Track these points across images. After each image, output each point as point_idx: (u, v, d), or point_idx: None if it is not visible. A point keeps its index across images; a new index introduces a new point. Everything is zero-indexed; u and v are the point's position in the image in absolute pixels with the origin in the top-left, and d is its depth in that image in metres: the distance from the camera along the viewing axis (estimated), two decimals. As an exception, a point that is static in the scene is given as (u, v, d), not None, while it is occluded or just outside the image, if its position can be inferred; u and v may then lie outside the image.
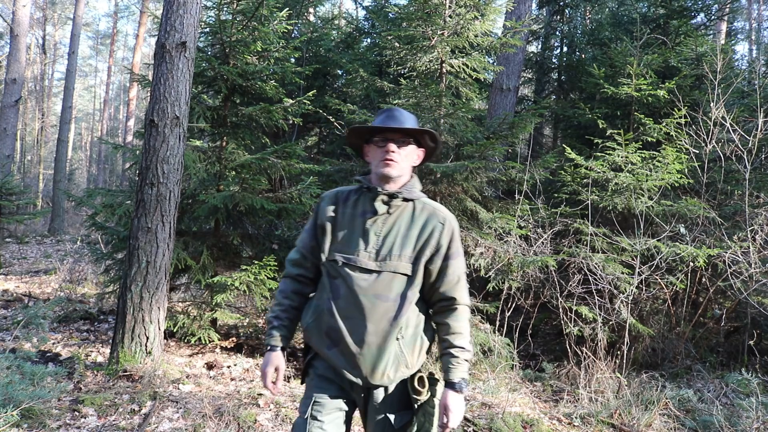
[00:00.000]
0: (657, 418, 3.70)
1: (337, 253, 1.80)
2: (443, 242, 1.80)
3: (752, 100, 5.93)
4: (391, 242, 1.78)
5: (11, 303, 6.13)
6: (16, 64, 11.68)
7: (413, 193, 1.84)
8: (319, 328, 1.81)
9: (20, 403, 2.88)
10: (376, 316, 1.73)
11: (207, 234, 5.14)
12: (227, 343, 4.91)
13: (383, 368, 1.74)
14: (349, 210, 1.85)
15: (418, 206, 1.84)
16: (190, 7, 4.07)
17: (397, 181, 1.82)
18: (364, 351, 1.73)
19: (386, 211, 1.81)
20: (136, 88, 20.49)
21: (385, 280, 1.75)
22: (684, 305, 5.26)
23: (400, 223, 1.81)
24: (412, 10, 5.34)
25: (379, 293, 1.74)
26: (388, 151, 1.79)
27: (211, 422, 3.25)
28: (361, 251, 1.77)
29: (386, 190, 1.80)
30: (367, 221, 1.80)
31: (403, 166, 1.82)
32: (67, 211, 16.83)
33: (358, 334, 1.73)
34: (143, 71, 19.31)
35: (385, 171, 1.79)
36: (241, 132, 5.20)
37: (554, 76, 10.34)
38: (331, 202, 1.89)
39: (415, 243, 1.79)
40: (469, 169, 4.83)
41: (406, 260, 1.77)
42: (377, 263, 1.76)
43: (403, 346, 1.76)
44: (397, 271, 1.76)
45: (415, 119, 1.88)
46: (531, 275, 5.03)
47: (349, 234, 1.81)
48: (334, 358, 1.78)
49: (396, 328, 1.74)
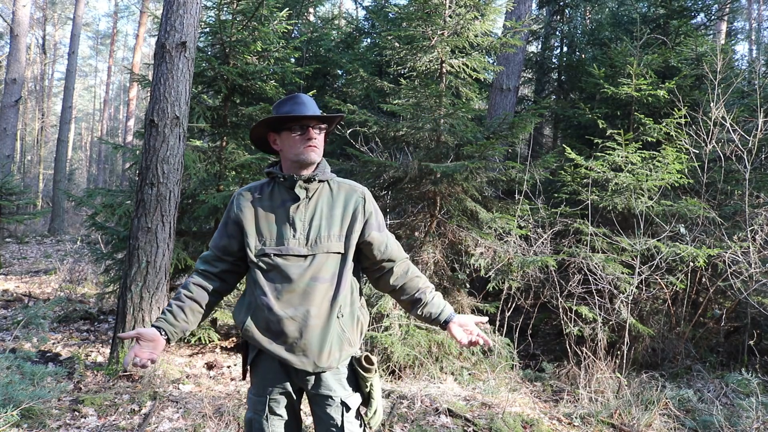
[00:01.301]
0: (657, 418, 3.69)
1: (266, 247, 1.80)
2: (370, 213, 1.87)
3: (752, 100, 5.93)
4: (317, 224, 1.81)
5: (11, 303, 6.13)
6: (16, 64, 11.69)
7: (326, 173, 1.88)
8: (258, 325, 1.81)
9: (20, 403, 2.88)
10: (316, 299, 1.76)
11: (207, 234, 5.14)
12: (227, 343, 4.91)
13: (328, 349, 1.77)
14: (266, 202, 1.85)
15: (334, 186, 1.89)
16: (190, 7, 4.07)
17: (313, 165, 1.86)
18: (308, 336, 1.75)
19: (306, 196, 1.83)
20: (136, 88, 20.49)
21: (319, 262, 1.78)
22: (684, 305, 5.26)
23: (321, 204, 1.84)
24: (412, 10, 5.34)
25: (316, 275, 1.77)
26: (311, 137, 1.82)
27: (211, 422, 3.25)
28: (290, 239, 1.79)
29: (302, 176, 1.83)
30: (290, 209, 1.81)
31: (321, 150, 1.87)
32: (67, 211, 16.83)
33: (300, 321, 1.75)
34: (143, 71, 19.31)
35: (311, 157, 1.82)
36: (241, 132, 5.20)
37: (554, 76, 10.34)
38: (245, 199, 1.88)
39: (341, 221, 1.83)
40: (469, 169, 4.83)
41: (336, 239, 1.81)
42: (308, 247, 1.78)
43: (343, 324, 1.81)
44: (330, 251, 1.79)
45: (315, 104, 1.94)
46: (531, 275, 5.03)
47: (272, 226, 1.82)
48: (277, 351, 1.79)
49: (336, 307, 1.78)
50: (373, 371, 1.85)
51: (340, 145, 7.47)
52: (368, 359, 1.86)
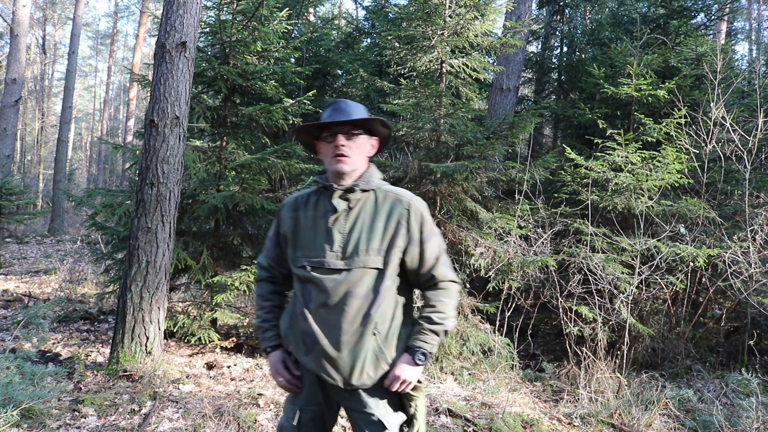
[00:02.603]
0: (657, 418, 3.69)
1: (304, 258, 1.76)
2: (414, 229, 1.75)
3: (752, 100, 5.93)
4: (356, 237, 1.72)
5: (11, 303, 6.13)
6: (16, 64, 11.68)
7: (371, 182, 1.78)
8: (296, 335, 1.79)
9: (20, 403, 2.88)
10: (349, 315, 1.69)
11: (207, 234, 5.14)
12: (227, 343, 4.91)
13: (361, 367, 1.70)
14: (310, 213, 1.80)
15: (380, 195, 1.78)
16: (190, 7, 4.07)
17: (352, 174, 1.77)
18: (340, 352, 1.69)
19: (347, 207, 1.75)
20: (136, 88, 20.49)
21: (355, 277, 1.70)
22: (684, 305, 5.26)
23: (363, 216, 1.75)
24: (412, 10, 5.34)
25: (351, 291, 1.69)
26: (337, 145, 1.73)
27: (211, 422, 3.25)
28: (328, 252, 1.72)
29: (342, 185, 1.75)
30: (329, 220, 1.75)
31: (356, 159, 1.76)
32: (67, 211, 16.83)
33: (333, 336, 1.70)
34: (143, 71, 19.32)
35: (338, 167, 1.74)
36: (241, 132, 5.20)
37: (554, 76, 10.34)
38: (291, 209, 1.85)
39: (382, 234, 1.73)
40: (469, 169, 4.83)
41: (375, 253, 1.72)
42: (345, 261, 1.71)
43: (380, 341, 1.72)
44: (367, 266, 1.71)
45: (364, 108, 1.82)
46: (531, 275, 5.03)
47: (312, 237, 1.76)
48: (311, 364, 1.75)
49: (371, 324, 1.70)
50: (420, 391, 1.77)
51: (340, 145, 7.45)
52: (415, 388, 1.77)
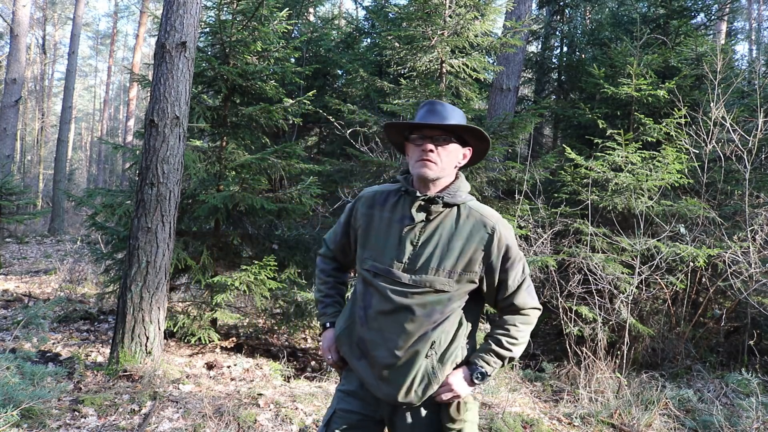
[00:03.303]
0: (657, 418, 3.69)
1: (372, 261, 1.67)
2: (494, 256, 1.62)
3: (752, 100, 5.93)
4: (428, 254, 1.60)
5: (11, 303, 6.13)
6: (16, 64, 11.69)
7: (458, 197, 1.64)
8: (350, 337, 1.72)
9: (20, 403, 2.88)
10: (407, 332, 1.59)
11: (207, 234, 5.14)
12: (227, 343, 4.91)
13: (410, 385, 1.61)
14: (386, 214, 1.69)
15: (464, 212, 1.65)
16: (190, 7, 4.07)
17: (437, 183, 1.65)
18: (391, 366, 1.61)
19: (425, 218, 1.64)
20: (136, 88, 20.49)
21: (420, 296, 1.59)
22: (684, 305, 5.26)
23: (441, 232, 1.62)
24: (412, 10, 5.34)
25: (411, 307, 1.59)
26: (424, 150, 1.61)
27: (211, 422, 3.25)
28: (396, 262, 1.62)
29: (425, 194, 1.63)
30: (404, 229, 1.64)
31: (443, 167, 1.63)
32: (67, 211, 16.83)
33: (386, 349, 1.61)
34: (143, 71, 19.32)
35: (421, 172, 1.61)
36: (241, 132, 5.20)
37: (554, 76, 10.34)
38: (367, 205, 1.75)
39: (457, 257, 1.60)
40: (469, 169, 4.83)
41: (445, 275, 1.59)
42: (411, 277, 1.60)
43: (434, 362, 1.62)
44: (434, 286, 1.59)
45: (462, 114, 1.69)
46: (531, 275, 5.03)
47: (384, 241, 1.66)
48: (361, 371, 1.68)
49: (426, 345, 1.60)
50: (461, 421, 1.65)
51: (340, 145, 7.48)
52: (459, 407, 1.65)
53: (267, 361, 4.63)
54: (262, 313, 5.45)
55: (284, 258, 4.94)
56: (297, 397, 3.75)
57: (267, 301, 4.90)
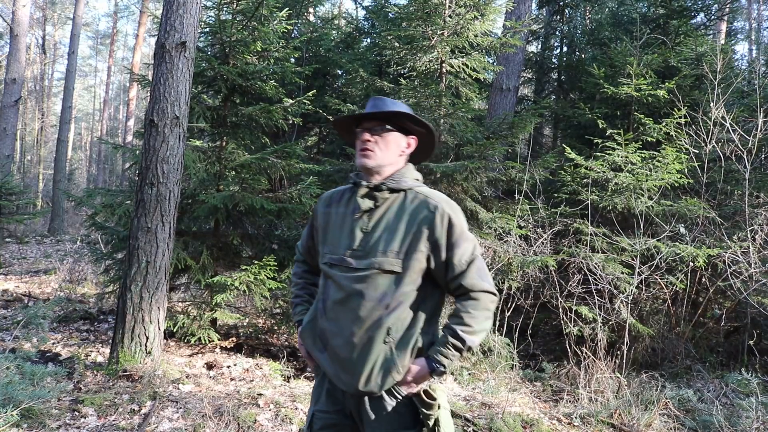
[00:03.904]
0: (657, 418, 3.69)
1: (329, 254, 1.74)
2: (438, 232, 1.64)
3: (752, 100, 5.93)
4: (376, 238, 1.66)
5: (11, 303, 6.13)
6: (16, 64, 11.68)
7: (402, 182, 1.71)
8: (313, 331, 1.76)
9: (20, 403, 2.88)
10: (360, 318, 1.62)
11: (207, 234, 5.14)
12: (227, 343, 4.91)
13: (369, 374, 1.62)
14: (342, 209, 1.77)
15: (410, 196, 1.70)
16: (190, 7, 4.07)
17: (382, 172, 1.72)
18: (349, 355, 1.63)
19: (372, 206, 1.70)
20: (136, 88, 20.49)
21: (370, 279, 1.63)
22: (684, 305, 5.26)
23: (388, 216, 1.68)
24: (412, 10, 5.34)
25: (363, 292, 1.63)
26: (363, 140, 1.71)
27: (211, 422, 3.25)
28: (348, 250, 1.69)
29: (370, 182, 1.71)
30: (354, 218, 1.71)
31: (384, 155, 1.71)
32: (67, 211, 16.82)
33: (343, 337, 1.64)
34: (143, 71, 19.31)
35: (361, 161, 1.71)
36: (241, 132, 5.20)
37: (554, 76, 10.34)
38: (325, 204, 1.84)
39: (403, 237, 1.65)
40: (469, 169, 4.84)
41: (393, 255, 1.63)
42: (362, 261, 1.65)
43: (393, 349, 1.62)
44: (383, 268, 1.63)
45: (404, 106, 1.76)
46: (531, 275, 5.03)
47: (339, 234, 1.74)
48: (323, 363, 1.71)
49: (382, 329, 1.61)
50: (436, 407, 1.64)
51: (340, 145, 7.48)
52: (428, 393, 1.65)
53: (267, 361, 4.62)
54: (262, 313, 5.45)
55: (284, 258, 4.94)
56: (297, 397, 3.75)
57: (267, 301, 4.90)
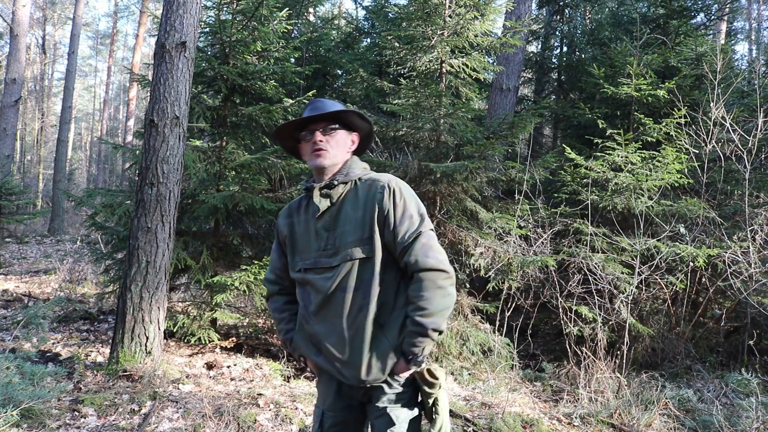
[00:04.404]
0: (657, 418, 3.69)
1: (300, 262, 1.76)
2: (386, 207, 1.66)
3: (752, 100, 5.93)
4: (342, 231, 1.69)
5: (11, 303, 6.13)
6: (16, 64, 11.68)
7: (351, 174, 1.75)
8: (304, 337, 1.79)
9: (20, 403, 2.88)
10: (345, 311, 1.65)
11: (207, 234, 5.14)
12: (227, 343, 4.91)
13: (368, 361, 1.65)
14: (302, 217, 1.80)
15: (360, 185, 1.74)
16: (190, 7, 4.07)
17: (332, 169, 1.76)
18: (345, 349, 1.66)
19: (330, 203, 1.73)
20: (135, 88, 20.49)
21: (344, 271, 1.66)
22: (684, 305, 5.26)
23: (345, 208, 1.71)
24: (412, 10, 5.34)
25: (343, 285, 1.66)
26: (315, 141, 1.73)
27: (211, 422, 3.25)
28: (319, 251, 1.72)
29: (322, 182, 1.74)
30: (316, 220, 1.74)
31: (336, 153, 1.75)
32: (67, 211, 16.83)
33: (336, 334, 1.67)
34: (143, 71, 19.31)
35: (317, 162, 1.73)
36: (241, 132, 5.20)
37: (554, 76, 10.34)
38: (285, 216, 1.85)
39: (362, 222, 1.67)
40: (469, 169, 4.83)
41: (360, 243, 1.66)
42: (334, 258, 1.68)
43: (387, 333, 1.66)
44: (353, 257, 1.66)
45: (341, 105, 1.80)
46: (531, 275, 5.03)
47: (307, 240, 1.76)
48: (323, 363, 1.74)
49: (368, 316, 1.64)
50: (437, 386, 1.70)
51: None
52: (431, 373, 1.70)
53: (267, 361, 4.63)
54: (261, 313, 5.45)
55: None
56: (297, 397, 3.75)
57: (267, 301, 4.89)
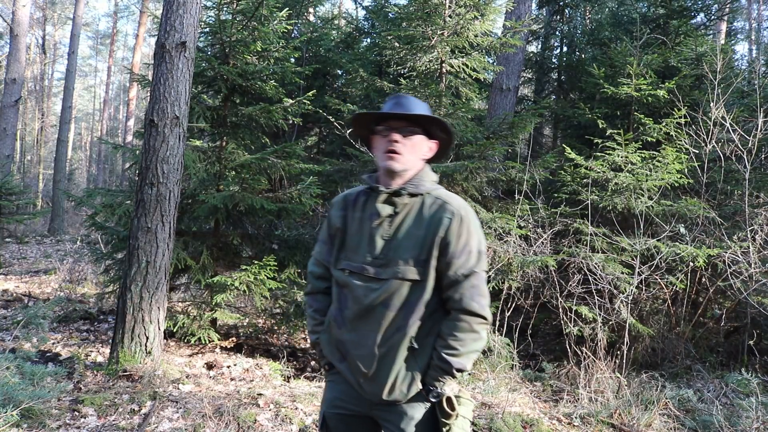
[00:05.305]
0: (657, 418, 3.69)
1: (346, 261, 1.67)
2: (450, 237, 1.59)
3: (752, 100, 5.93)
4: (397, 246, 1.60)
5: (11, 303, 6.13)
6: (16, 64, 11.69)
7: (421, 186, 1.64)
8: (330, 341, 1.71)
9: (20, 403, 2.88)
10: (383, 327, 1.59)
11: (207, 234, 5.14)
12: (227, 343, 4.91)
13: (393, 382, 1.60)
14: (358, 214, 1.69)
15: (428, 201, 1.64)
16: (190, 7, 4.07)
17: (403, 175, 1.64)
18: (372, 365, 1.60)
19: (392, 212, 1.63)
20: (135, 88, 20.49)
21: (391, 288, 1.58)
22: (684, 305, 5.26)
23: (408, 222, 1.62)
24: (412, 10, 5.34)
25: (386, 302, 1.59)
26: (391, 140, 1.61)
27: (211, 422, 3.25)
28: (368, 258, 1.62)
29: (390, 187, 1.64)
30: (373, 225, 1.64)
31: (409, 158, 1.63)
32: (67, 211, 16.82)
33: (365, 347, 1.61)
34: (143, 71, 19.30)
35: (388, 164, 1.61)
36: (241, 132, 5.20)
37: (554, 76, 10.34)
38: (340, 208, 1.74)
39: (422, 244, 1.59)
40: (468, 169, 4.83)
41: (414, 264, 1.59)
42: (384, 270, 1.60)
43: (418, 356, 1.61)
44: (405, 277, 1.59)
45: (427, 107, 1.69)
46: (531, 275, 5.03)
47: (357, 241, 1.66)
48: (345, 372, 1.68)
49: (405, 338, 1.59)
50: (454, 416, 1.61)
51: (340, 145, 7.47)
52: (450, 402, 1.61)
53: (267, 361, 4.63)
54: (262, 313, 5.45)
55: (284, 258, 4.94)
56: (297, 397, 3.75)
57: (267, 301, 4.90)
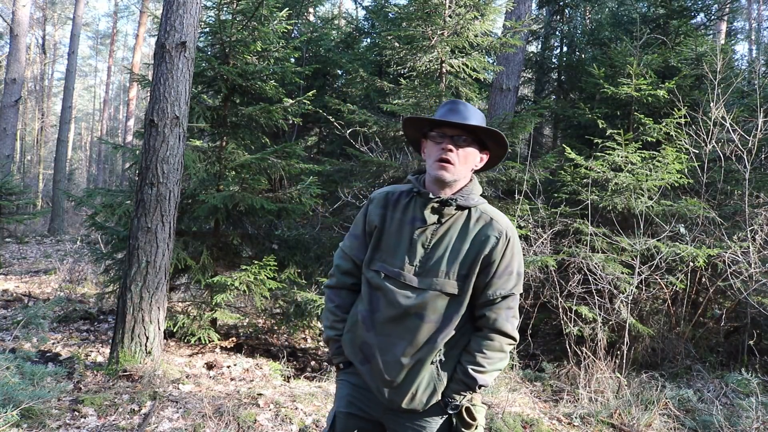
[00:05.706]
0: (657, 418, 3.69)
1: (381, 263, 1.63)
2: (494, 258, 1.57)
3: (752, 100, 5.93)
4: (438, 257, 1.58)
5: (11, 303, 6.13)
6: (16, 64, 11.69)
7: (470, 199, 1.61)
8: (353, 341, 1.68)
9: (20, 403, 2.88)
10: (413, 337, 1.57)
11: (207, 234, 5.14)
12: (227, 343, 4.91)
13: (414, 391, 1.59)
14: (398, 215, 1.65)
15: (474, 215, 1.61)
16: (190, 7, 4.07)
17: (452, 185, 1.61)
18: (397, 374, 1.58)
19: (437, 221, 1.60)
20: (135, 88, 20.50)
21: (427, 299, 1.56)
22: (684, 305, 5.26)
23: (451, 234, 1.59)
24: (412, 10, 5.34)
25: (421, 313, 1.57)
26: (444, 149, 1.56)
27: (211, 422, 3.25)
28: (406, 265, 1.59)
29: (439, 196, 1.60)
30: (416, 231, 1.60)
31: (461, 169, 1.59)
32: (67, 211, 16.82)
33: (392, 354, 1.58)
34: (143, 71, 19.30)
35: (439, 174, 1.57)
36: (241, 132, 5.20)
37: (554, 76, 10.34)
38: (380, 205, 1.69)
39: (464, 259, 1.57)
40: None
41: (455, 278, 1.57)
42: (422, 280, 1.58)
43: (441, 368, 1.60)
44: (444, 290, 1.57)
45: (483, 117, 1.63)
46: (531, 275, 5.03)
47: (395, 243, 1.62)
48: (366, 375, 1.65)
49: (434, 350, 1.57)
50: (474, 427, 1.60)
51: (340, 145, 7.47)
52: (470, 413, 1.60)
53: (267, 361, 4.63)
54: (262, 313, 5.45)
55: (284, 258, 4.94)
56: (297, 397, 3.75)
57: (267, 301, 4.90)
